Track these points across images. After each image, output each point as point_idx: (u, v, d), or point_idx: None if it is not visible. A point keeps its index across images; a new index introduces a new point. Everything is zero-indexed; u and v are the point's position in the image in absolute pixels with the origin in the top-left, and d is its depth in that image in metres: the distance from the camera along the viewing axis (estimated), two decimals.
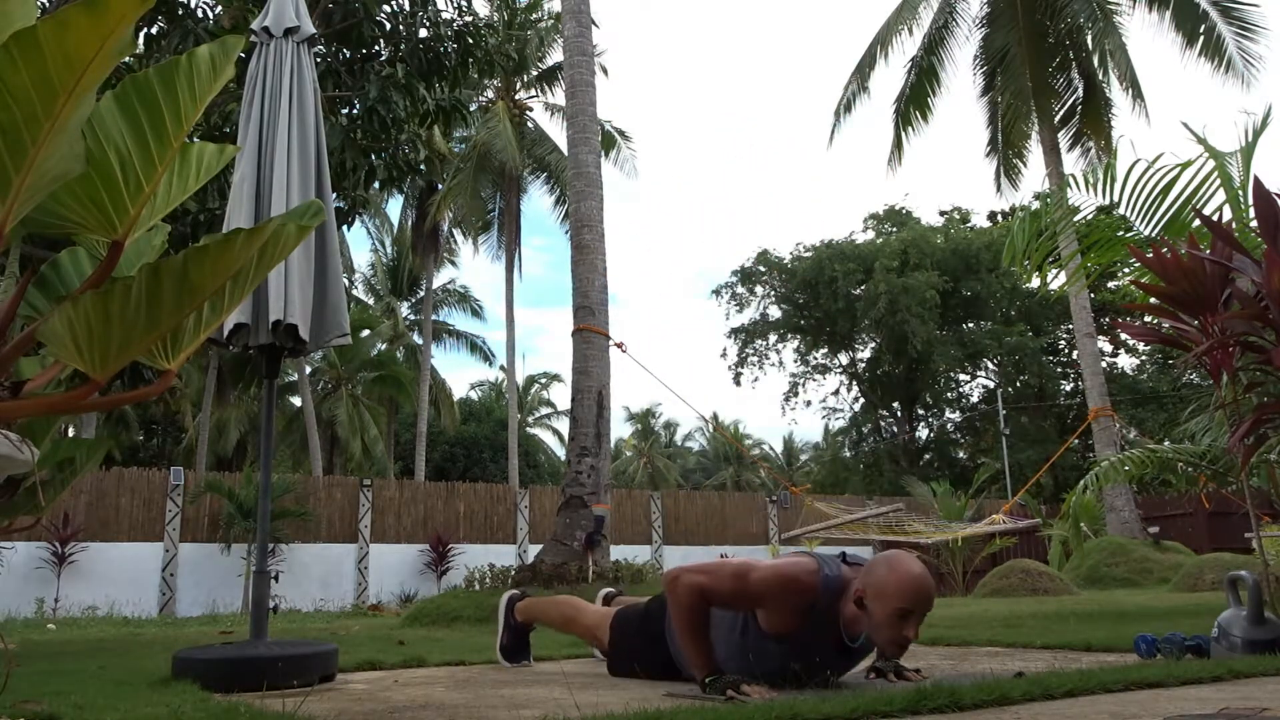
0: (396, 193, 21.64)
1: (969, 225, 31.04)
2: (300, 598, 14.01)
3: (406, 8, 7.84)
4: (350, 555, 15.13)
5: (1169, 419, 22.24)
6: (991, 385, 29.72)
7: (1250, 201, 3.49)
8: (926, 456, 30.34)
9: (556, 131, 23.31)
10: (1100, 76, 15.75)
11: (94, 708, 2.14)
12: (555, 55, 23.47)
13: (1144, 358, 28.75)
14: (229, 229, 2.54)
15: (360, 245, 66.73)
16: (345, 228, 8.39)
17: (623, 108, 77.73)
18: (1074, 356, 26.09)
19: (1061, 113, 16.22)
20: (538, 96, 24.36)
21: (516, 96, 24.13)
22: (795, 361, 31.28)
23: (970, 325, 29.69)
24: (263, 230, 1.24)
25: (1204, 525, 15.33)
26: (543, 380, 40.07)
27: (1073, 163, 16.05)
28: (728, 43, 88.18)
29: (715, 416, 44.27)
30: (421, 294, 29.16)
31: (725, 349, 35.13)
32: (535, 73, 24.03)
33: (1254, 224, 3.46)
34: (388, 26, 7.77)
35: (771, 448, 48.41)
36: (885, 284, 26.42)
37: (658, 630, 2.73)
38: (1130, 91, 15.27)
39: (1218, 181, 4.74)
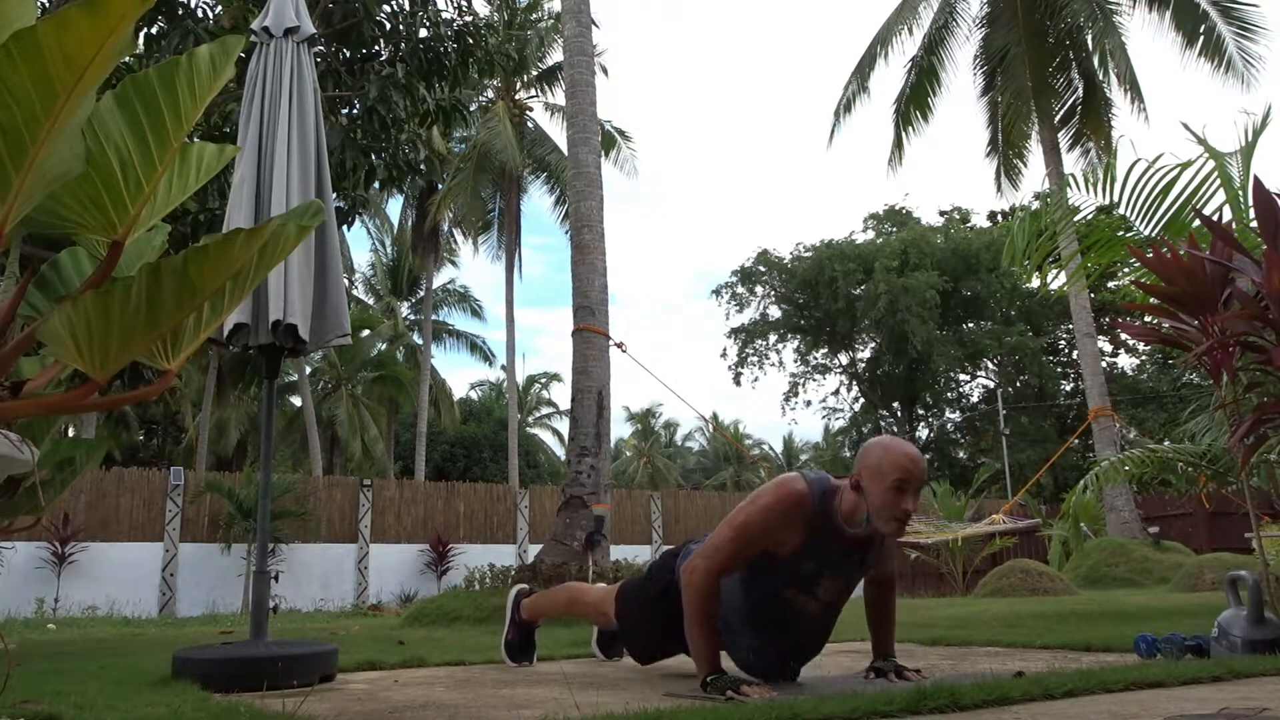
0: (396, 193, 21.63)
1: (969, 225, 31.04)
2: (300, 598, 14.01)
3: (406, 8, 7.83)
4: (350, 555, 15.13)
5: (1169, 419, 22.23)
6: (991, 385, 29.73)
7: (1250, 201, 3.49)
8: (926, 456, 30.24)
9: (556, 131, 23.34)
10: (1100, 76, 15.74)
11: (94, 708, 2.14)
12: (555, 55, 23.48)
13: (1144, 358, 28.75)
14: (229, 229, 2.54)
15: (360, 245, 66.71)
16: (345, 228, 8.38)
17: (623, 108, 77.77)
18: (1074, 356, 26.09)
19: (1061, 113, 16.21)
20: (538, 96, 24.38)
21: (516, 96, 24.12)
22: (795, 361, 31.32)
23: (970, 325, 29.68)
24: (263, 230, 1.24)
25: (1204, 525, 15.32)
26: (543, 380, 40.09)
27: (1073, 163, 16.05)
28: (727, 42, 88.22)
29: (715, 416, 44.30)
30: (421, 294, 29.16)
31: (725, 349, 35.16)
32: (535, 73, 24.02)
33: (1254, 224, 3.46)
34: (388, 26, 7.76)
35: (771, 448, 48.45)
36: (885, 284, 26.41)
37: (662, 588, 2.75)
38: (1130, 92, 15.26)
39: (1218, 181, 4.74)
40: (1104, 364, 17.59)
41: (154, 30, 7.03)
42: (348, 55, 7.73)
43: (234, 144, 2.18)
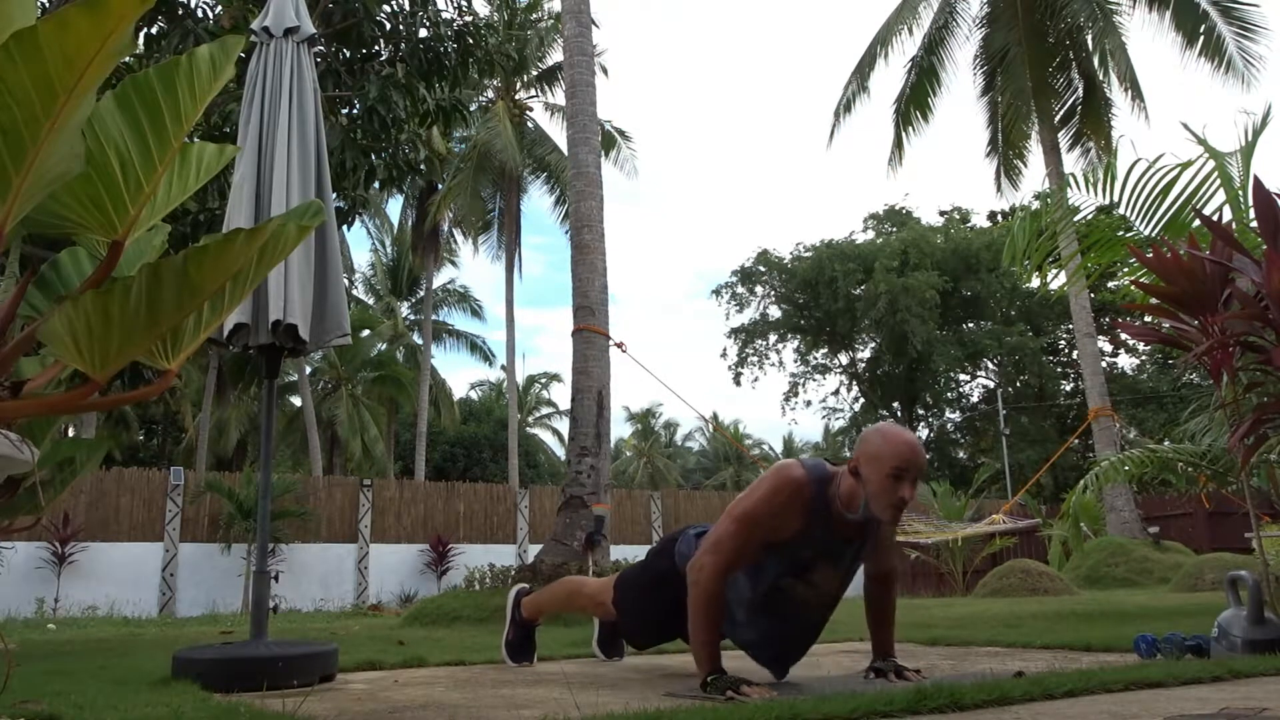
0: (396, 193, 21.62)
1: (969, 225, 31.04)
2: (300, 598, 14.01)
3: (406, 8, 7.84)
4: (350, 555, 15.13)
5: (1169, 419, 22.24)
6: (991, 385, 29.73)
7: (1250, 201, 3.49)
8: (926, 457, 30.29)
9: (556, 131, 23.34)
10: (1100, 76, 15.74)
11: (94, 708, 2.14)
12: (555, 55, 23.48)
13: (1144, 358, 28.75)
14: (229, 229, 2.54)
15: (360, 245, 66.77)
16: (345, 228, 8.38)
17: (623, 108, 77.76)
18: (1074, 356, 26.09)
19: (1061, 113, 16.22)
20: (538, 96, 24.38)
21: (516, 96, 24.12)
22: (795, 361, 31.31)
23: (970, 325, 29.68)
24: (263, 230, 1.24)
25: (1204, 525, 15.32)
26: (543, 380, 40.10)
27: (1073, 163, 16.06)
28: (728, 42, 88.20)
29: (715, 416, 44.31)
30: (421, 294, 29.16)
31: (725, 349, 35.17)
32: (535, 73, 24.02)
33: (1254, 224, 3.46)
34: (388, 26, 7.76)
35: (771, 448, 48.44)
36: (885, 284, 26.41)
37: (659, 574, 2.75)
38: (1130, 92, 15.27)
39: (1218, 181, 4.74)
40: (1104, 364, 17.59)
41: (154, 30, 7.03)
42: (348, 55, 7.73)
43: (234, 144, 2.18)
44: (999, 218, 30.03)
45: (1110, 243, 5.39)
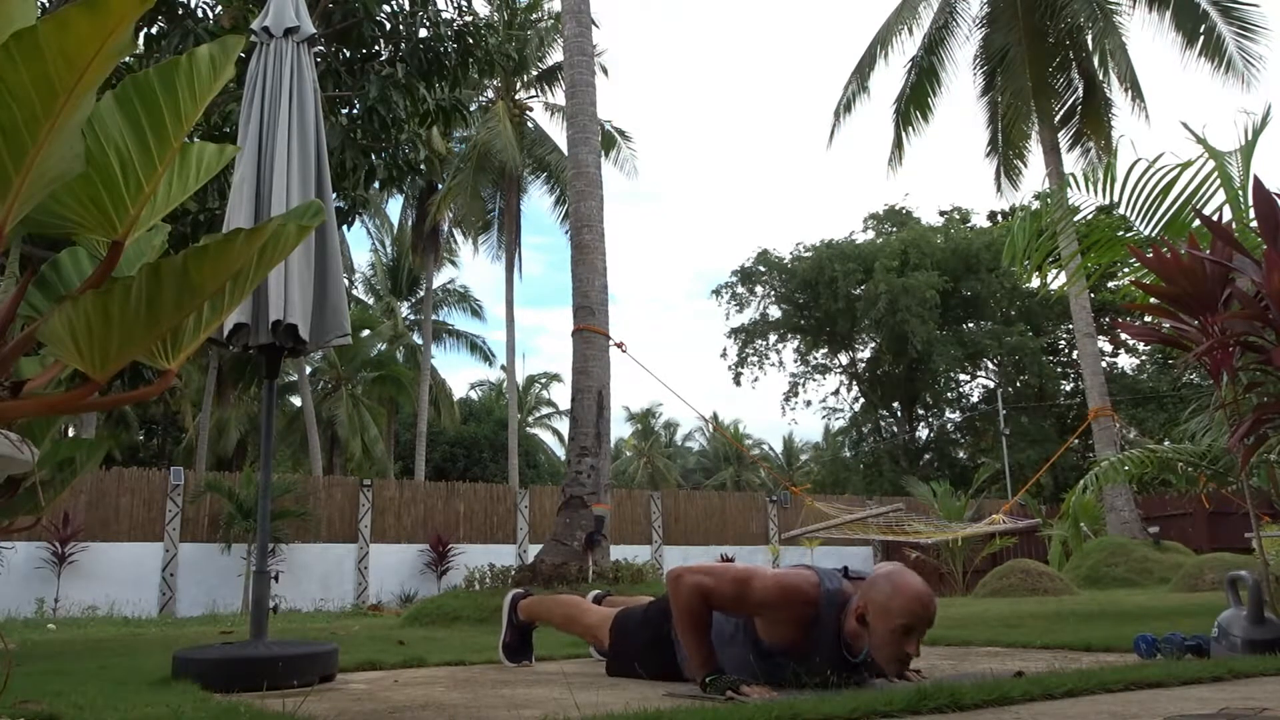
0: (396, 193, 21.58)
1: (969, 225, 31.04)
2: (300, 598, 14.00)
3: (406, 8, 7.84)
4: (350, 555, 15.12)
5: (1169, 419, 22.25)
6: (991, 385, 29.72)
7: (1250, 201, 3.49)
8: (926, 456, 30.33)
9: (556, 131, 23.34)
10: (1100, 76, 15.75)
11: (94, 708, 2.14)
12: (555, 55, 23.49)
13: (1144, 358, 28.75)
14: (229, 229, 2.54)
15: (360, 245, 66.76)
16: (345, 228, 8.38)
17: (623, 108, 77.76)
18: (1074, 356, 26.09)
19: (1061, 113, 16.22)
20: (538, 96, 24.38)
21: (516, 96, 24.12)
22: (795, 361, 31.31)
23: (970, 325, 29.67)
24: (263, 230, 1.24)
25: (1204, 525, 15.32)
26: (543, 380, 40.10)
27: (1073, 163, 16.06)
28: (728, 43, 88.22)
29: (715, 416, 44.30)
30: (421, 294, 29.17)
31: (725, 349, 35.18)
32: (535, 73, 24.03)
33: (1254, 224, 3.46)
34: (388, 26, 7.76)
35: (771, 448, 48.44)
36: (885, 284, 26.41)
37: (658, 634, 2.73)
38: (1130, 91, 15.27)
39: (1218, 181, 4.74)
40: (1104, 364, 17.60)
41: (154, 30, 7.03)
42: (348, 55, 7.73)
43: (234, 144, 2.18)
44: (999, 218, 30.03)
45: (1110, 243, 5.39)
